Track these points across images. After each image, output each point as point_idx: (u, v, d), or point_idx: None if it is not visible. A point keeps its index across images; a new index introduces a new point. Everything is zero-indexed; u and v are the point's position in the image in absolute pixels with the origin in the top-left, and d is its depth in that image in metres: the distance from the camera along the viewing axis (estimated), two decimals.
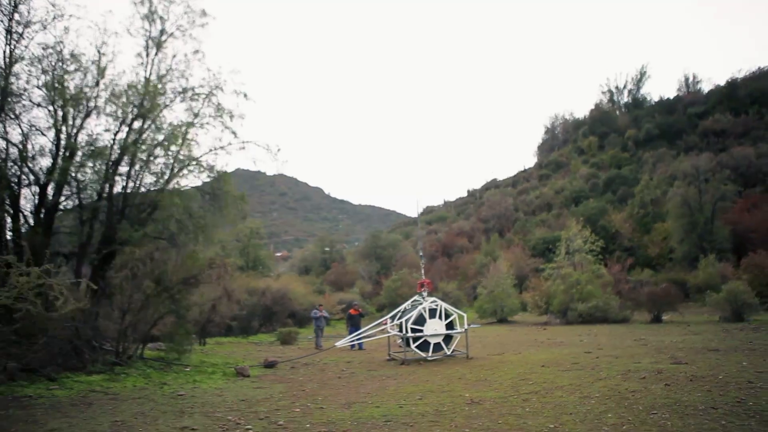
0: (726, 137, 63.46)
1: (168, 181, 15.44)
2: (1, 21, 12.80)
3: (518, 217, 68.66)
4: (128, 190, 15.17)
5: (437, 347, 14.72)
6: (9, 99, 12.75)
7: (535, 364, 12.79)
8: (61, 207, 14.15)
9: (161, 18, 15.14)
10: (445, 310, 14.93)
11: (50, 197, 13.55)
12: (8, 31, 12.80)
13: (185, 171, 15.67)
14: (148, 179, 15.37)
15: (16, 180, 13.28)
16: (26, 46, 13.19)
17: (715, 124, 66.63)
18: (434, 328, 14.65)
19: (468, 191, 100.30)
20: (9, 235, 13.23)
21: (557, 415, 7.32)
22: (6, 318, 9.02)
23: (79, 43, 14.24)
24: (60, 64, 13.64)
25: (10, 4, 12.78)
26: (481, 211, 74.83)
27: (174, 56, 15.26)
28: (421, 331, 14.54)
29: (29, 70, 13.29)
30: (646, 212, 51.08)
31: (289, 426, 7.19)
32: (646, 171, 61.87)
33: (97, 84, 14.17)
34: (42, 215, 13.51)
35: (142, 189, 15.49)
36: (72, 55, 13.78)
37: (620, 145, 76.76)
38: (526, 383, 10.02)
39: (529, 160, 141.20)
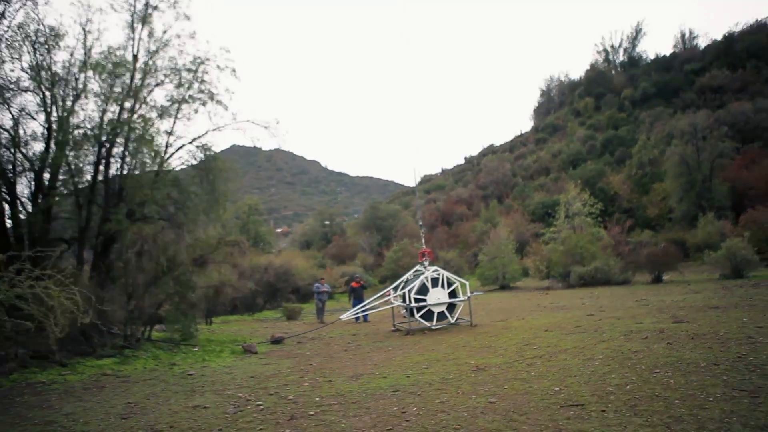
0: (723, 93, 63.03)
1: (163, 161, 15.34)
2: None
3: (516, 183, 68.70)
4: (124, 172, 15.05)
5: (441, 316, 14.86)
6: None
7: (539, 328, 12.94)
8: (57, 192, 14.06)
9: None
10: (448, 278, 15.02)
11: (46, 182, 13.46)
12: None
13: (181, 150, 15.58)
14: (143, 159, 15.24)
15: (11, 166, 13.19)
16: (8, 27, 12.88)
17: (712, 81, 66.12)
18: (437, 297, 14.77)
19: (465, 158, 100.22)
20: (8, 222, 13.20)
21: (562, 377, 7.44)
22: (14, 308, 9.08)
23: (63, 21, 13.89)
24: (44, 44, 13.35)
25: None
26: (479, 178, 74.80)
27: (164, 32, 14.96)
28: (425, 300, 14.66)
29: (12, 52, 13.02)
30: (644, 173, 51.11)
31: (299, 400, 7.31)
32: (643, 131, 61.66)
33: (85, 64, 13.89)
34: (39, 201, 13.43)
35: (137, 170, 15.36)
36: (56, 34, 13.49)
37: (617, 105, 76.36)
38: (531, 348, 10.16)
39: (526, 124, 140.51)
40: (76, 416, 6.93)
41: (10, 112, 13.28)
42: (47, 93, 13.33)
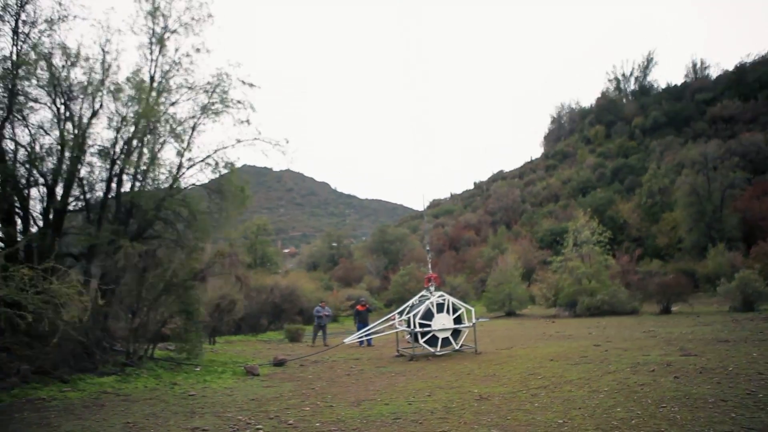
0: (735, 123, 62.91)
1: (176, 179, 15.49)
2: (8, 21, 12.83)
3: (525, 209, 68.54)
4: (135, 188, 15.21)
5: (446, 342, 14.72)
6: (16, 99, 12.81)
7: (544, 358, 12.78)
8: (69, 207, 14.22)
9: (164, 15, 15.13)
10: (453, 304, 14.92)
11: (59, 198, 13.62)
12: (14, 32, 12.84)
13: (193, 168, 15.73)
14: (155, 177, 15.41)
15: (25, 181, 13.37)
16: (32, 47, 13.21)
17: (723, 111, 66.03)
18: (442, 322, 14.65)
19: (475, 183, 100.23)
20: (19, 236, 13.31)
21: (566, 410, 7.32)
22: (17, 321, 9.09)
23: (83, 41, 14.22)
24: (64, 62, 13.67)
25: (17, 4, 12.80)
26: (488, 204, 74.72)
27: (176, 50, 15.23)
28: (429, 326, 14.54)
29: (34, 70, 13.31)
30: (654, 201, 50.83)
31: (299, 425, 7.23)
32: (653, 159, 61.47)
33: (102, 82, 14.19)
34: (51, 216, 13.59)
35: (149, 187, 15.51)
36: (76, 54, 13.80)
37: (627, 133, 76.33)
38: (535, 378, 10.03)
39: (536, 151, 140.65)
40: None
41: (28, 128, 13.55)
42: (62, 108, 13.57)
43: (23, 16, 12.94)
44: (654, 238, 46.49)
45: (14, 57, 12.83)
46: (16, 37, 12.87)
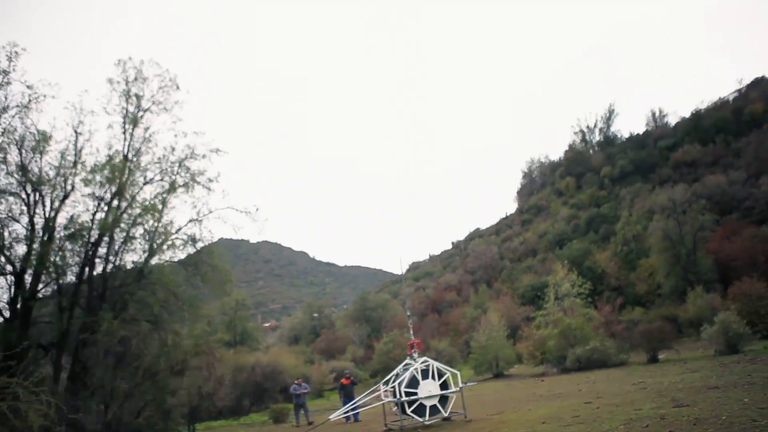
0: (697, 167, 65.07)
1: (149, 258, 15.21)
2: None
3: (504, 266, 68.78)
4: (108, 271, 14.89)
5: (434, 410, 14.22)
6: None
7: (536, 421, 12.40)
8: (39, 295, 13.78)
9: (137, 95, 15.32)
10: (438, 369, 14.53)
11: (27, 285, 13.20)
12: None
13: (166, 245, 15.49)
14: (128, 258, 15.14)
15: None
16: (1, 132, 13.13)
17: (685, 156, 68.40)
18: (428, 389, 14.19)
19: (453, 243, 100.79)
20: None
21: None
22: None
23: (55, 124, 14.18)
24: (35, 146, 13.56)
25: None
26: (467, 263, 74.86)
27: (147, 128, 15.34)
28: (416, 393, 14.08)
29: (4, 158, 13.18)
30: (629, 249, 51.49)
31: None
32: (624, 207, 62.79)
33: (75, 164, 14.10)
34: (18, 305, 13.12)
35: (122, 269, 15.20)
36: (47, 137, 13.74)
37: (597, 183, 78.23)
38: None
39: (511, 206, 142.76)
40: None
41: None
42: (32, 194, 13.38)
43: None
44: (633, 285, 46.81)
45: None
46: None
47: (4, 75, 13.01)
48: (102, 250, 14.88)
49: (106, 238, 14.58)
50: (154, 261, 15.44)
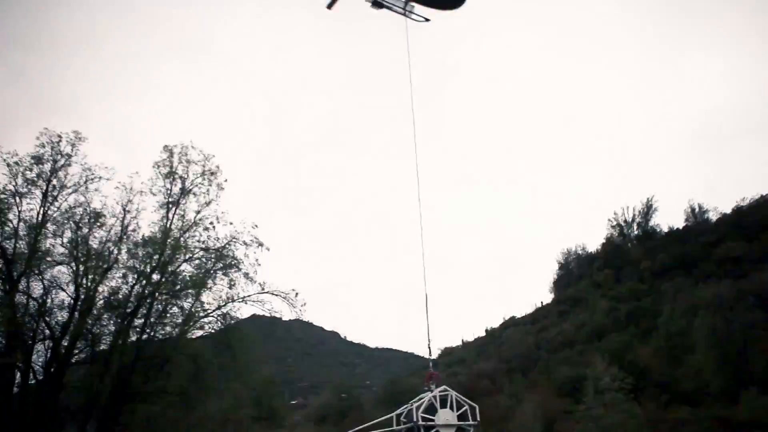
0: (742, 263, 63.02)
1: (181, 334, 15.35)
2: (40, 186, 13.60)
3: (540, 356, 66.48)
4: (141, 342, 15.04)
5: None
6: (36, 256, 13.12)
7: None
8: (72, 361, 13.95)
9: (181, 177, 16.08)
10: (456, 399, 13.95)
11: (63, 351, 13.40)
12: (44, 195, 13.58)
13: (200, 323, 15.65)
14: (162, 330, 15.31)
15: (31, 335, 13.26)
16: (58, 207, 13.86)
17: (729, 251, 66.57)
18: (446, 417, 13.59)
19: (486, 330, 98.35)
20: (15, 389, 12.90)
21: None
22: None
23: (107, 202, 14.96)
24: (86, 222, 14.24)
25: (50, 170, 13.68)
26: (501, 351, 72.74)
27: (197, 212, 15.95)
28: (432, 420, 13.46)
29: (57, 229, 13.85)
30: (673, 344, 49.30)
31: None
32: (666, 302, 60.73)
33: (120, 240, 14.68)
34: (53, 369, 13.27)
35: (155, 341, 15.35)
36: (97, 214, 14.43)
37: (636, 276, 76.33)
38: None
39: (546, 297, 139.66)
40: None
41: (42, 283, 13.78)
42: (81, 266, 13.88)
43: (54, 182, 13.80)
44: (678, 382, 44.38)
45: (40, 217, 13.43)
46: (44, 200, 13.59)
47: (67, 158, 14.02)
48: (138, 321, 15.17)
49: (142, 310, 14.89)
50: (186, 335, 15.61)
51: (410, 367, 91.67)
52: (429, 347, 17.64)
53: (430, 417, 13.75)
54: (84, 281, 14.02)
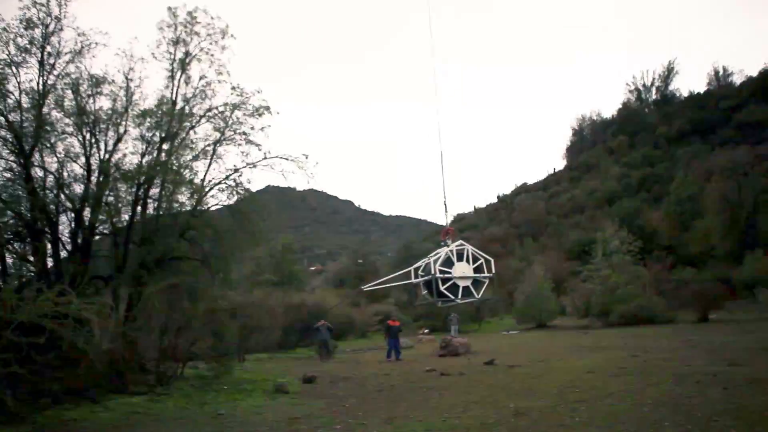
0: (762, 129, 61.48)
1: (198, 202, 15.59)
2: (34, 54, 13.12)
3: (551, 221, 67.69)
4: (160, 212, 15.34)
5: (466, 291, 14.43)
6: (43, 128, 13.02)
7: (581, 370, 12.37)
8: (96, 231, 14.35)
9: (185, 41, 15.38)
10: (473, 253, 14.69)
11: (86, 223, 13.74)
12: (41, 63, 13.12)
13: (214, 190, 15.84)
14: (179, 200, 15.54)
15: (54, 207, 13.54)
16: (57, 76, 13.47)
17: (750, 116, 64.67)
18: (462, 270, 14.41)
19: (498, 197, 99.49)
20: (50, 261, 13.46)
21: (610, 425, 6.96)
22: (50, 343, 9.07)
23: (108, 70, 14.48)
24: (90, 91, 13.91)
25: (42, 37, 13.10)
26: (513, 217, 74.03)
27: (201, 78, 15.46)
28: (450, 273, 14.32)
29: (60, 100, 13.57)
30: (683, 209, 49.75)
31: None
32: (680, 168, 60.33)
33: (126, 109, 14.41)
34: (79, 241, 13.71)
35: (173, 211, 15.65)
36: (101, 81, 14.05)
37: (651, 143, 75.19)
38: (573, 391, 9.65)
39: (558, 163, 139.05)
40: None
41: (56, 156, 13.77)
42: (88, 136, 13.78)
43: (48, 48, 13.23)
44: (685, 246, 45.40)
45: (41, 87, 13.08)
46: (42, 68, 13.13)
47: (57, 21, 13.25)
48: (154, 191, 15.30)
49: (157, 181, 14.96)
50: (202, 206, 15.84)
51: (423, 233, 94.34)
52: (444, 203, 17.87)
53: (447, 270, 14.31)
54: (95, 152, 13.99)
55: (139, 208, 14.84)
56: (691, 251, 44.32)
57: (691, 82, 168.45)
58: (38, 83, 13.07)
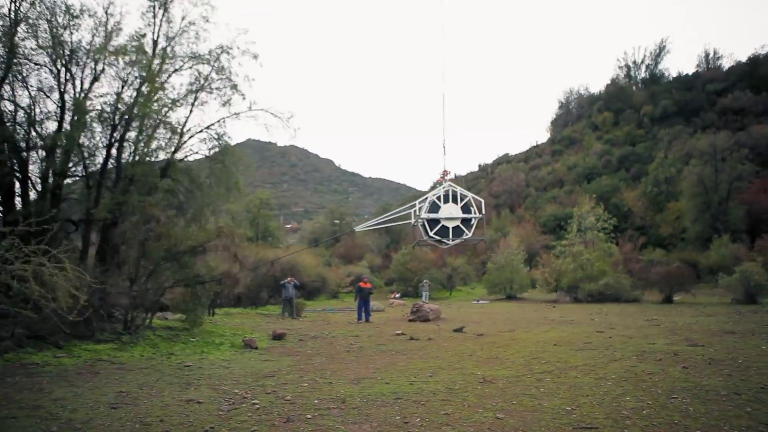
0: (745, 115, 62.22)
1: (176, 149, 15.20)
2: None
3: (530, 193, 68.23)
4: (137, 157, 14.89)
5: (457, 231, 14.61)
6: (15, 60, 12.42)
7: (547, 342, 12.58)
8: (69, 173, 13.90)
9: None
10: (460, 193, 14.81)
11: (58, 163, 13.28)
12: None
13: (194, 140, 15.45)
14: (156, 146, 15.11)
15: (24, 144, 13.05)
16: (30, 3, 12.77)
17: (734, 102, 65.32)
18: (449, 211, 14.55)
19: (479, 166, 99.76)
20: (18, 201, 13.05)
21: (573, 396, 7.09)
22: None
23: (86, 3, 13.81)
24: (66, 22, 13.24)
25: None
26: (492, 186, 74.34)
27: (183, 18, 14.86)
28: (436, 215, 14.53)
29: (32, 30, 12.89)
30: (659, 191, 50.47)
31: (296, 401, 7.02)
32: (661, 148, 60.95)
33: (105, 46, 13.78)
34: (50, 181, 13.27)
35: (150, 156, 15.22)
36: (78, 12, 13.37)
37: (636, 121, 75.64)
38: (539, 362, 9.81)
39: (542, 136, 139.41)
40: (65, 402, 6.68)
41: (28, 90, 13.18)
42: (63, 70, 13.19)
43: None
44: (658, 227, 46.28)
45: (13, 15, 12.40)
46: None
47: None
48: (131, 134, 14.79)
49: (134, 124, 14.45)
50: (180, 155, 15.42)
51: (402, 197, 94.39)
52: (444, 146, 17.66)
53: (435, 215, 14.46)
54: (70, 89, 13.41)
55: (114, 151, 14.40)
56: (662, 233, 45.17)
57: (681, 63, 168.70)
58: (10, 10, 12.39)
